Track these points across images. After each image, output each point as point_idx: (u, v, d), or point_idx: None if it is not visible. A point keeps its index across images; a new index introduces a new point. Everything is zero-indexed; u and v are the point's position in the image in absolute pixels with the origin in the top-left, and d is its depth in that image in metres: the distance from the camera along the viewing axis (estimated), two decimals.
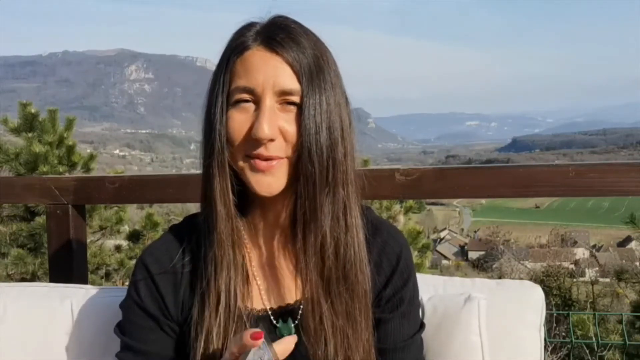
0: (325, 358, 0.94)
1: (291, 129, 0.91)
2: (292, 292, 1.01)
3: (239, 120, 0.91)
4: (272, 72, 0.90)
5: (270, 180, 0.92)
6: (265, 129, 0.88)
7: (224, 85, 0.92)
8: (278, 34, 0.93)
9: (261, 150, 0.90)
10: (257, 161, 0.91)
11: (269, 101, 0.90)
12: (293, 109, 0.92)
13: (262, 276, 1.01)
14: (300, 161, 0.91)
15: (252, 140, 0.90)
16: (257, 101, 0.91)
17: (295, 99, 0.91)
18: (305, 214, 0.93)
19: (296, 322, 0.99)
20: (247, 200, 0.99)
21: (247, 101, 0.91)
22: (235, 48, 0.93)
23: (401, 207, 7.15)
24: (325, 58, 0.95)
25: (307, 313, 0.95)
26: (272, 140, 0.90)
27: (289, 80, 0.91)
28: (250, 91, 0.91)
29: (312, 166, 0.91)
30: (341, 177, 0.94)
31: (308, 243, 0.93)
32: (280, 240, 1.02)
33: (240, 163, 0.93)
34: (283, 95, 0.91)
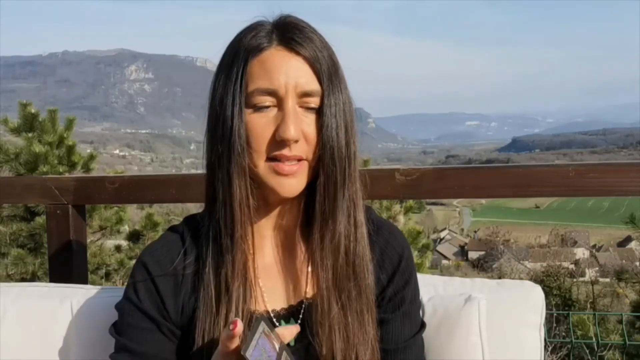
0: (333, 355, 0.94)
1: (312, 130, 0.92)
2: (294, 293, 1.01)
3: (260, 123, 0.91)
4: (293, 72, 0.90)
5: (293, 182, 0.93)
6: (292, 130, 0.89)
7: (241, 86, 0.90)
8: (295, 32, 0.92)
9: (285, 151, 0.90)
10: (281, 165, 0.91)
11: (292, 103, 0.90)
12: (313, 110, 0.92)
13: (265, 278, 1.00)
14: (322, 161, 0.92)
15: (276, 142, 0.90)
16: (279, 103, 0.91)
17: (316, 100, 0.92)
18: (325, 213, 0.93)
19: (299, 321, 0.99)
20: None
21: (268, 103, 0.91)
22: (252, 49, 0.91)
23: (401, 207, 7.14)
24: (335, 56, 0.96)
25: (317, 311, 0.95)
26: (296, 141, 0.90)
27: (310, 81, 0.91)
28: (272, 93, 0.90)
29: (333, 165, 0.92)
30: (353, 174, 0.95)
31: (325, 241, 0.94)
32: (285, 243, 1.02)
33: (262, 167, 0.92)
34: (305, 97, 0.91)
